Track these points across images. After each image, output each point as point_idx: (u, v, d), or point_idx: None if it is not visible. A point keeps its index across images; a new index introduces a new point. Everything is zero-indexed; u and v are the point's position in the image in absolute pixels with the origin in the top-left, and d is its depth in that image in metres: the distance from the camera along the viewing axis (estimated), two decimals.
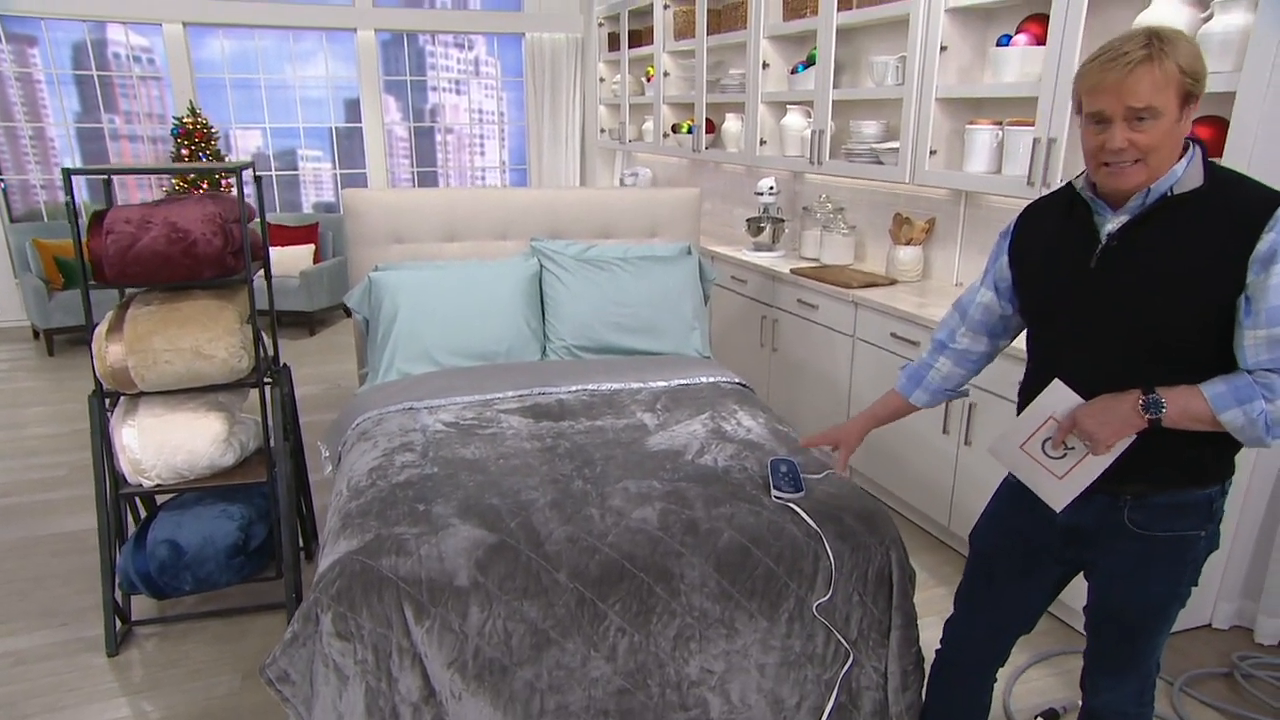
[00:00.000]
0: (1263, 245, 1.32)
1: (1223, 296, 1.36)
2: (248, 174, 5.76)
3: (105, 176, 2.60)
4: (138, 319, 2.43)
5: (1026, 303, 1.64)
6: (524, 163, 7.37)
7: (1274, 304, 1.32)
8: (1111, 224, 1.46)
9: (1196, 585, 1.58)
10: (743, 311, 4.35)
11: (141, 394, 2.50)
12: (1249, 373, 1.37)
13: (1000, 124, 3.06)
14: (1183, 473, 1.47)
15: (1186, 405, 1.38)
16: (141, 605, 2.78)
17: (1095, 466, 1.49)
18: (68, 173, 2.30)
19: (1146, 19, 2.39)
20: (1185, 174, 1.39)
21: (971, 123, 3.15)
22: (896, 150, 3.50)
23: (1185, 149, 1.41)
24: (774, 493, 2.01)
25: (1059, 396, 1.52)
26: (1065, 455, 1.53)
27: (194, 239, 2.39)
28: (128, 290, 2.74)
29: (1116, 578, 1.57)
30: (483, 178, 7.38)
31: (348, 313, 6.67)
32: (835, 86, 3.86)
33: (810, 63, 4.09)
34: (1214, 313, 1.38)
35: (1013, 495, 1.71)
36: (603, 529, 1.87)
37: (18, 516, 3.43)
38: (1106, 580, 1.60)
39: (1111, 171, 1.39)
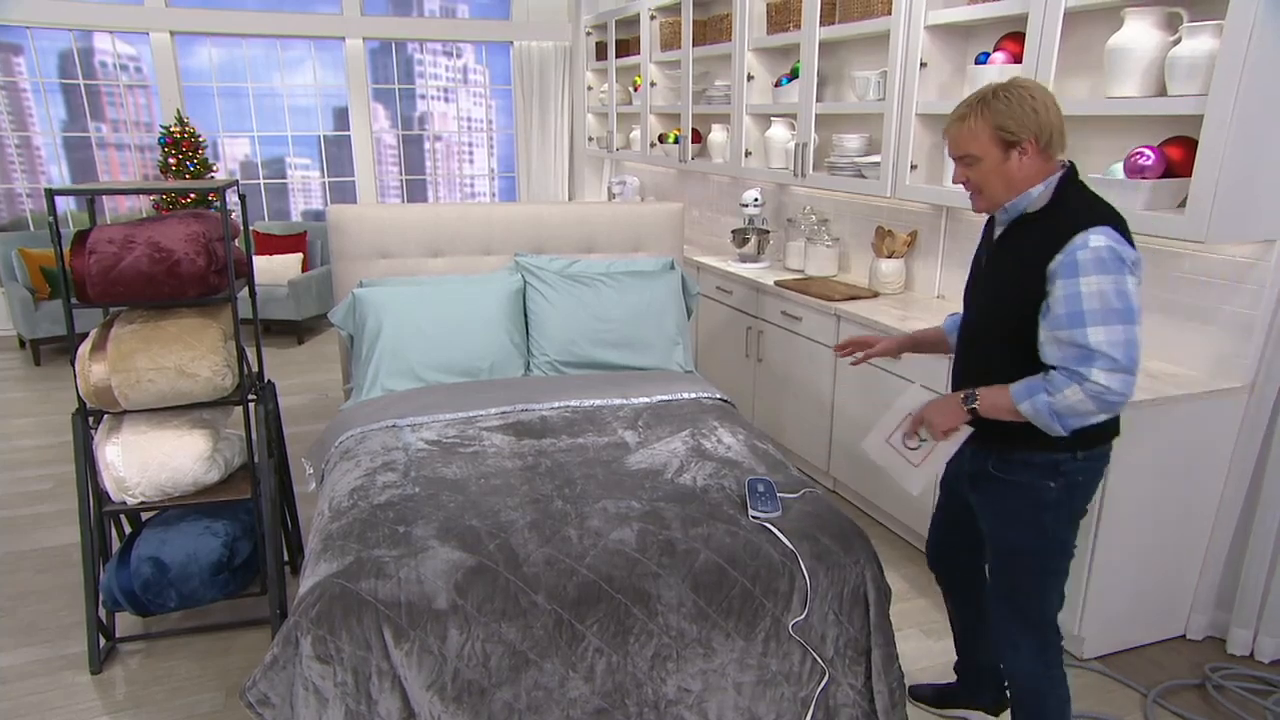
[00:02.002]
0: (1053, 264, 1.65)
1: (1038, 301, 1.69)
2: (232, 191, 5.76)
3: (90, 196, 2.61)
4: (121, 338, 2.44)
5: None
6: (513, 170, 7.39)
7: (1058, 313, 1.63)
8: (997, 232, 1.85)
9: (1064, 546, 1.84)
10: (728, 322, 4.38)
11: (125, 412, 2.52)
12: (1053, 368, 1.66)
13: None
14: (1030, 439, 1.76)
15: (994, 400, 1.74)
16: (125, 622, 2.79)
17: (942, 455, 1.86)
18: (51, 193, 2.31)
19: (1118, 40, 2.42)
20: (1038, 197, 1.73)
21: None
22: (878, 164, 3.54)
23: (1053, 173, 1.74)
24: (751, 512, 2.04)
25: (914, 397, 1.90)
26: (919, 446, 1.89)
27: (177, 258, 2.40)
28: (111, 308, 2.76)
29: (986, 515, 1.92)
30: (471, 185, 7.40)
31: None
32: (818, 100, 3.89)
33: (794, 76, 4.12)
34: (1038, 314, 1.71)
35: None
36: (581, 550, 1.89)
37: (1, 531, 3.43)
38: (983, 518, 1.93)
39: (969, 196, 1.84)
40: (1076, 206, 1.69)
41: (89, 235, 2.41)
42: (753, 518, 2.03)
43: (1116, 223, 1.65)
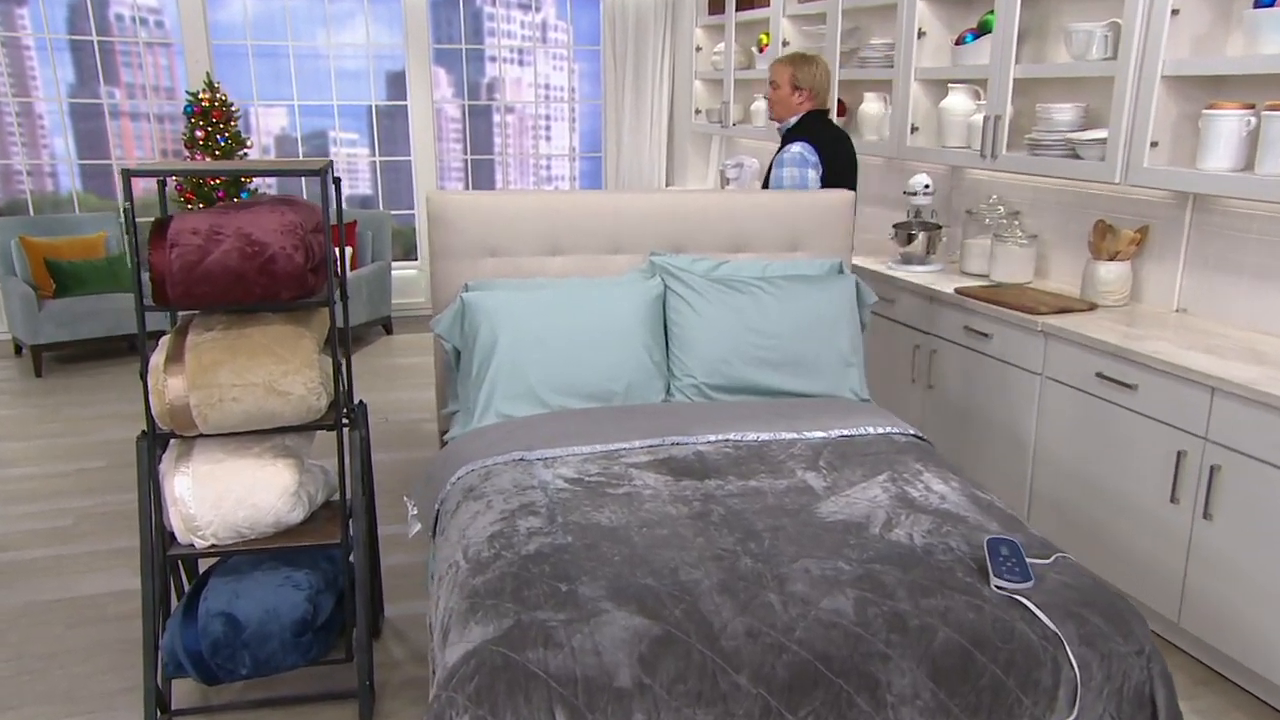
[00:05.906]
0: (777, 157, 3.92)
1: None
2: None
3: (161, 178, 2.72)
4: (201, 348, 2.53)
5: None
6: (599, 149, 7.49)
7: (772, 186, 3.82)
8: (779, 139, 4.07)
9: None
10: (886, 338, 4.35)
11: (198, 436, 2.61)
12: None
13: (1253, 108, 3.03)
14: None
15: None
16: (181, 690, 2.87)
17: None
18: (127, 173, 2.42)
19: None
20: (794, 122, 4.00)
21: (1211, 106, 3.12)
22: (1102, 141, 3.48)
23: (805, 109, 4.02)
24: (994, 581, 2.01)
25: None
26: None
27: (272, 253, 2.49)
28: (180, 313, 2.87)
29: None
30: (548, 167, 7.52)
31: (387, 330, 6.83)
32: (1016, 61, 3.85)
33: (983, 30, 4.10)
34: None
35: None
36: (787, 621, 1.89)
37: (20, 576, 3.56)
38: None
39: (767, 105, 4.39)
40: (802, 130, 3.89)
41: (169, 225, 2.51)
42: (997, 588, 2.00)
43: (816, 141, 3.83)
